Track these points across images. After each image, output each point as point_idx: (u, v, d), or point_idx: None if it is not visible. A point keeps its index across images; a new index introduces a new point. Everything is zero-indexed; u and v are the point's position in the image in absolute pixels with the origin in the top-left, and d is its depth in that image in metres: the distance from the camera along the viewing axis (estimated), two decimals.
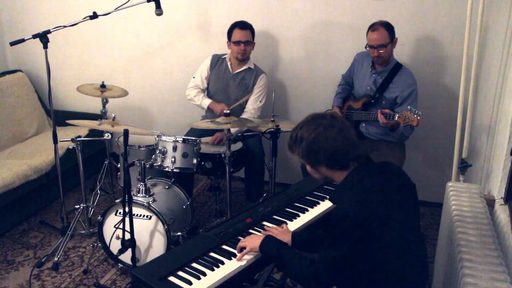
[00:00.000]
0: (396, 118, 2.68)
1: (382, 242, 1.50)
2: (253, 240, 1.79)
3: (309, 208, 2.18)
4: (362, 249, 1.50)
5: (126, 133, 2.26)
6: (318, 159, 1.60)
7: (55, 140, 2.84)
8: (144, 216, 2.61)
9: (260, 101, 3.31)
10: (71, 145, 2.88)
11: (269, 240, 1.77)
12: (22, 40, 2.65)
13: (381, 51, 2.85)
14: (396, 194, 1.60)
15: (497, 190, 2.07)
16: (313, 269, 1.57)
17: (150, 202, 2.60)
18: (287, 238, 1.85)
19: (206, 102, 3.31)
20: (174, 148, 2.74)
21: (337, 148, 1.58)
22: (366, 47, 2.92)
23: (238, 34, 3.17)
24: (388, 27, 2.85)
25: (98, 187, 3.39)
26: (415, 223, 1.66)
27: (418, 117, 2.59)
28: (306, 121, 1.65)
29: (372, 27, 2.87)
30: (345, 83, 3.26)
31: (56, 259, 2.80)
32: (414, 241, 1.62)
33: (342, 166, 1.62)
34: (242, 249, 1.80)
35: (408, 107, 2.67)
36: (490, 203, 2.11)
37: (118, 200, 2.61)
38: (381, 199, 1.55)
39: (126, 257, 2.53)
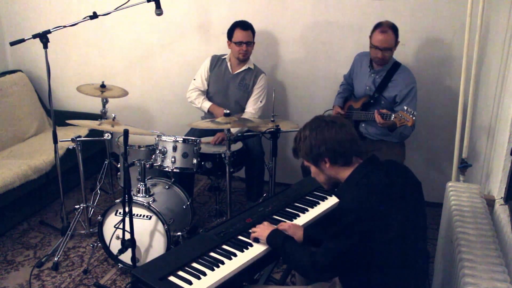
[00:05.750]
0: (392, 118, 2.68)
1: (384, 238, 1.52)
2: (264, 229, 1.87)
3: (309, 208, 2.18)
4: (363, 244, 1.52)
5: (126, 133, 2.26)
6: (321, 153, 1.63)
7: (55, 140, 2.84)
8: (144, 216, 2.61)
9: (261, 101, 3.31)
10: (71, 145, 2.88)
11: (276, 233, 1.83)
12: (22, 40, 2.65)
13: (386, 54, 2.84)
14: (400, 191, 1.62)
15: (497, 190, 2.07)
16: (312, 259, 1.61)
17: (150, 202, 2.60)
18: (299, 233, 1.89)
19: (206, 105, 3.31)
20: (174, 148, 2.74)
21: (339, 140, 1.61)
22: (371, 47, 2.89)
23: (239, 35, 3.16)
24: (395, 30, 2.83)
25: (98, 187, 3.39)
26: (420, 220, 1.67)
27: (413, 117, 2.58)
28: (309, 122, 1.71)
29: (380, 28, 2.81)
30: (347, 83, 3.26)
31: (56, 259, 2.80)
32: (417, 238, 1.63)
33: (345, 161, 1.64)
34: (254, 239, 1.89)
35: (405, 107, 2.66)
36: (490, 203, 2.12)
37: (118, 200, 2.61)
38: (385, 196, 1.56)
39: (126, 257, 2.53)
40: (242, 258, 1.79)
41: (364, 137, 3.03)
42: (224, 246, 1.85)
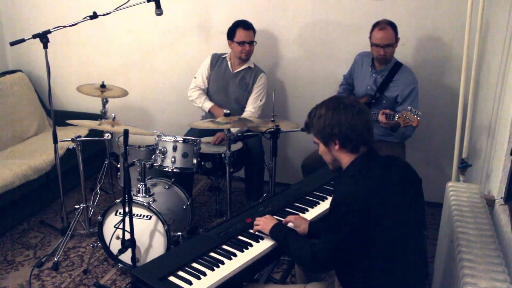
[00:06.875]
0: (396, 118, 2.68)
1: (379, 230, 1.53)
2: (267, 222, 1.88)
3: (309, 208, 2.18)
4: (358, 234, 1.53)
5: (126, 133, 2.26)
6: (334, 134, 1.63)
7: (55, 140, 2.84)
8: (144, 216, 2.61)
9: (260, 100, 3.31)
10: (71, 145, 2.88)
11: (278, 226, 1.85)
12: (22, 40, 2.65)
13: (387, 50, 2.86)
14: (397, 186, 1.62)
15: (497, 190, 2.07)
16: (312, 250, 1.63)
17: (150, 202, 2.60)
18: (303, 225, 1.90)
19: (208, 105, 3.31)
20: (174, 148, 2.74)
21: (354, 126, 1.61)
22: (371, 46, 2.92)
23: (242, 34, 3.15)
24: (394, 27, 2.86)
25: (98, 187, 3.39)
26: (418, 217, 1.67)
27: (418, 118, 2.59)
28: (327, 100, 1.70)
29: (379, 26, 2.86)
30: (346, 83, 3.25)
31: (56, 259, 2.80)
32: (415, 235, 1.63)
33: (353, 148, 1.65)
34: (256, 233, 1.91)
35: (409, 107, 2.67)
36: (490, 203, 2.11)
37: (118, 200, 2.61)
38: (379, 188, 1.57)
39: (126, 257, 2.53)
40: (242, 258, 1.79)
41: None
42: (224, 246, 1.85)
